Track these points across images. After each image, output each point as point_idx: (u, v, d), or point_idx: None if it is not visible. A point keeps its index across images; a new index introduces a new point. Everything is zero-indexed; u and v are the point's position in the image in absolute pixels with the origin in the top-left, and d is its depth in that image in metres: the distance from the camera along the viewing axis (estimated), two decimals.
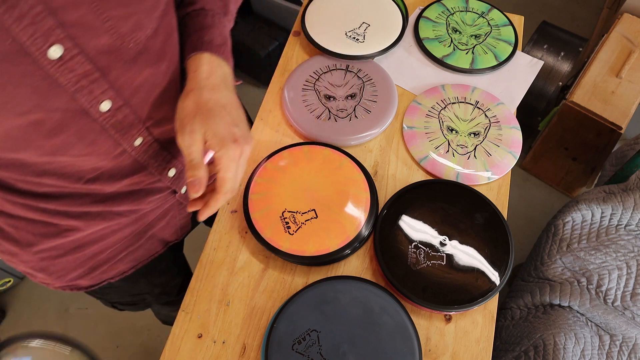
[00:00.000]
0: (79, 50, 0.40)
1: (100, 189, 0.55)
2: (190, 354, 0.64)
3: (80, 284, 0.69)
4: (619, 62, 1.44)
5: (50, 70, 0.39)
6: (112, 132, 0.48)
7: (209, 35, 0.54)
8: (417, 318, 0.65)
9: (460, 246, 0.68)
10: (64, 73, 0.40)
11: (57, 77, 0.40)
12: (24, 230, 0.56)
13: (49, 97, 0.40)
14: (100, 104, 0.44)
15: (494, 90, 0.85)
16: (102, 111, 0.45)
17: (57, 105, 0.41)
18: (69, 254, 0.62)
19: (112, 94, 0.45)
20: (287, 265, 0.69)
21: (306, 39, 0.88)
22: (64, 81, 0.40)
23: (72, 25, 0.38)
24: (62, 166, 0.49)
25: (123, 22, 0.42)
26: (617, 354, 0.99)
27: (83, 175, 0.51)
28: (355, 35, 0.87)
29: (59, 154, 0.46)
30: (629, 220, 1.11)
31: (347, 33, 0.87)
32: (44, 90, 0.40)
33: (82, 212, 0.57)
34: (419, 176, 0.77)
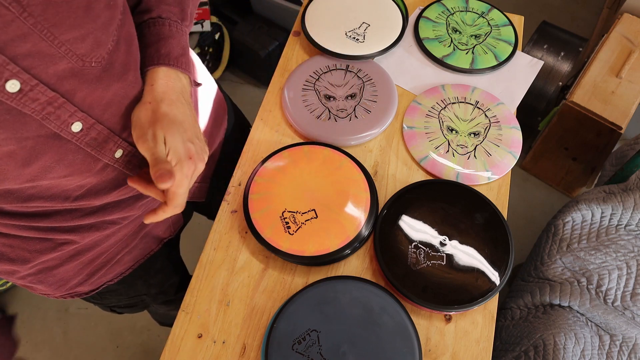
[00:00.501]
0: (37, 80, 0.39)
1: (89, 203, 0.54)
2: (190, 354, 0.64)
3: (80, 291, 0.69)
4: (619, 62, 1.44)
5: (12, 103, 0.38)
6: (88, 150, 0.47)
7: (166, 48, 0.53)
8: (417, 318, 0.65)
9: (460, 246, 0.68)
10: (26, 104, 0.39)
11: (21, 109, 0.39)
12: (19, 249, 0.55)
13: (17, 128, 0.39)
14: (71, 126, 0.43)
15: (494, 90, 0.85)
16: (75, 132, 0.44)
17: (27, 135, 0.41)
18: (65, 263, 0.62)
19: (82, 115, 0.44)
20: (287, 265, 0.69)
21: (306, 39, 0.88)
22: (29, 111, 0.39)
23: (24, 57, 0.37)
24: (47, 188, 0.48)
25: (80, 44, 0.40)
26: (617, 354, 0.99)
27: (69, 194, 0.51)
28: (355, 35, 0.87)
29: (39, 179, 0.45)
30: (629, 220, 1.11)
31: (347, 33, 0.87)
32: (10, 123, 0.39)
33: (75, 226, 0.56)
34: (419, 176, 0.77)
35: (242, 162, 0.78)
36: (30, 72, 0.38)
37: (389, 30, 0.88)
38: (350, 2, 0.91)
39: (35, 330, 1.56)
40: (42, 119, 0.41)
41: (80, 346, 1.52)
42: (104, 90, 0.45)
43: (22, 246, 0.55)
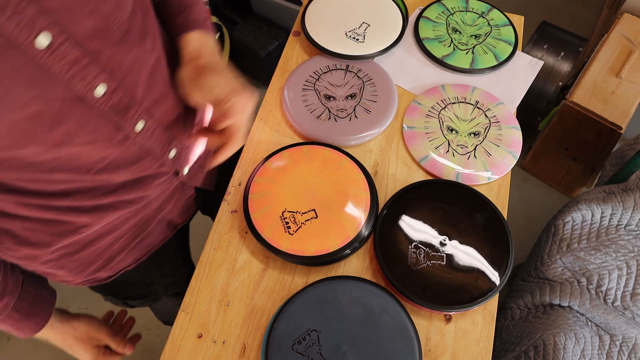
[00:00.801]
0: (67, 36, 0.40)
1: (109, 179, 0.56)
2: (190, 354, 0.64)
3: (99, 277, 0.71)
4: (619, 62, 1.44)
5: (41, 60, 0.39)
6: (111, 115, 0.48)
7: (193, 15, 0.60)
8: (417, 318, 0.65)
9: (460, 246, 0.68)
10: (55, 61, 0.40)
11: (50, 66, 0.40)
12: (39, 232, 0.57)
13: (45, 88, 0.41)
14: (95, 89, 0.45)
15: (494, 90, 0.85)
16: (98, 96, 0.45)
17: (55, 95, 0.42)
18: (85, 248, 0.63)
19: (105, 77, 0.45)
20: (287, 265, 0.69)
21: (306, 39, 0.88)
22: (57, 69, 0.40)
23: (54, 12, 0.38)
24: (70, 159, 0.49)
25: (103, 4, 0.42)
26: (617, 354, 0.99)
27: (91, 166, 0.52)
28: (355, 35, 0.87)
29: (63, 145, 0.46)
30: (629, 220, 1.11)
31: (347, 33, 0.87)
32: (39, 81, 0.40)
33: (94, 205, 0.58)
34: (419, 176, 0.77)
35: (242, 162, 0.78)
36: (60, 27, 0.39)
37: (389, 30, 0.88)
38: (350, 2, 0.91)
39: None
40: (69, 78, 0.42)
41: None
42: (124, 54, 0.47)
43: (43, 229, 0.57)
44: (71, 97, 0.43)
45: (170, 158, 0.62)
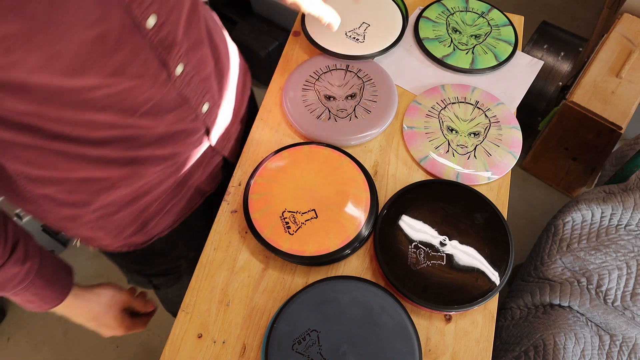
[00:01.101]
0: None
1: (148, 126, 0.58)
2: (190, 354, 0.64)
3: (135, 241, 0.73)
4: (619, 62, 1.44)
5: None
6: (158, 49, 0.51)
7: None
8: (417, 318, 0.65)
9: (460, 246, 0.68)
10: None
11: None
12: (77, 192, 0.60)
13: (109, 9, 0.43)
14: (148, 19, 0.47)
15: (494, 90, 0.85)
16: (149, 27, 0.48)
17: (116, 19, 0.44)
18: (122, 209, 0.66)
19: (156, 9, 0.48)
20: (287, 265, 0.69)
21: (306, 39, 0.88)
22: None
23: None
24: (119, 98, 0.51)
25: None
26: (617, 354, 0.99)
27: (137, 107, 0.54)
28: (355, 35, 0.87)
29: (117, 76, 0.48)
30: (629, 220, 1.11)
31: (347, 33, 0.87)
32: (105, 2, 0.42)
33: (131, 157, 0.60)
34: (419, 176, 0.77)
35: (242, 162, 0.78)
36: None
37: (389, 31, 0.88)
38: (350, 2, 0.91)
39: (35, 330, 1.56)
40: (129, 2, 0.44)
41: (80, 346, 1.52)
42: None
43: (80, 188, 0.60)
44: (129, 23, 0.46)
45: (203, 112, 0.64)
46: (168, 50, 0.53)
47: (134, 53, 0.48)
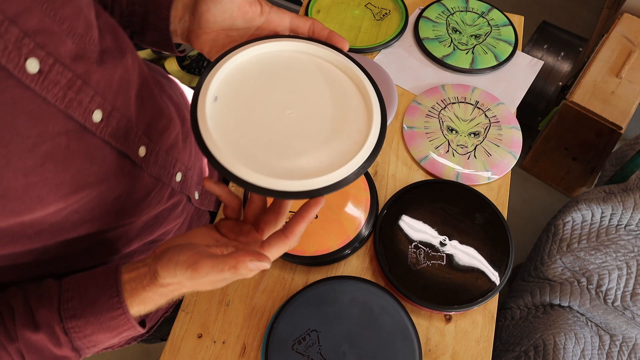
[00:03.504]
0: (54, 59, 0.37)
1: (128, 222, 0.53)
2: (190, 354, 0.64)
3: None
4: (619, 62, 1.44)
5: (36, 87, 0.36)
6: (113, 142, 0.45)
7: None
8: (417, 318, 0.65)
9: (460, 246, 0.68)
10: (49, 88, 0.37)
11: (45, 95, 0.37)
12: None
13: (47, 122, 0.38)
14: (93, 115, 0.42)
15: (494, 90, 0.85)
16: (97, 122, 0.43)
17: (58, 129, 0.39)
18: None
19: (100, 101, 0.43)
20: (287, 265, 0.69)
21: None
22: (53, 97, 0.38)
23: (35, 34, 0.36)
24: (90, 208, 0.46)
25: (77, 21, 0.40)
26: (617, 354, 0.99)
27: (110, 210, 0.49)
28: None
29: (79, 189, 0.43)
30: (629, 220, 1.11)
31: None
32: (39, 115, 0.37)
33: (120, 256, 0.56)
34: (419, 176, 0.77)
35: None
36: (45, 50, 0.37)
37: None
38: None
39: None
40: (65, 107, 0.39)
41: None
42: (111, 74, 0.44)
43: None
44: (73, 129, 0.40)
45: (178, 181, 0.59)
46: (124, 139, 0.47)
47: (88, 158, 0.43)
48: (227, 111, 0.45)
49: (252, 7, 0.48)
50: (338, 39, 0.49)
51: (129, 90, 0.47)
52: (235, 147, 0.44)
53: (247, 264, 0.40)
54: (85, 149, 0.42)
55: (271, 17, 0.49)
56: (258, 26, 0.50)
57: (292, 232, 0.45)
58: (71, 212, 0.44)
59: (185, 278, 0.41)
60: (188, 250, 0.42)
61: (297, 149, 0.45)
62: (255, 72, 0.47)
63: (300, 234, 0.46)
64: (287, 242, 0.45)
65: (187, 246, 0.43)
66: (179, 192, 0.60)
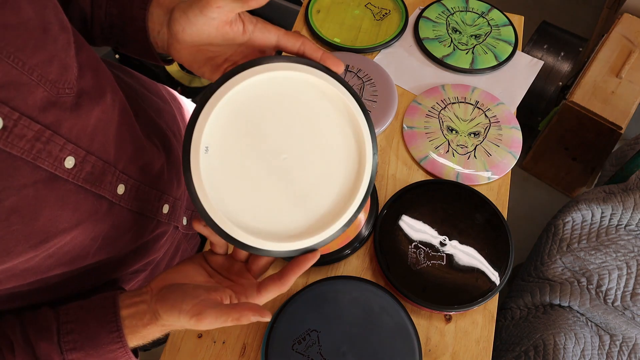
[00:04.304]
0: (20, 113, 0.35)
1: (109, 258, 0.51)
2: (190, 354, 0.64)
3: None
4: (619, 62, 1.44)
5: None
6: (87, 186, 0.44)
7: None
8: (417, 318, 0.65)
9: (460, 246, 0.68)
10: (14, 142, 0.35)
11: (10, 150, 0.35)
12: None
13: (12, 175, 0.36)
14: (64, 162, 0.40)
15: (494, 90, 0.85)
16: (69, 168, 0.41)
17: (24, 181, 0.37)
18: None
19: (72, 148, 0.41)
20: None
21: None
22: (19, 152, 0.36)
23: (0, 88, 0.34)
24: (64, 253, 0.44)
25: (48, 67, 0.38)
26: (617, 354, 0.99)
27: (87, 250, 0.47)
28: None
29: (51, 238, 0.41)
30: (629, 220, 1.11)
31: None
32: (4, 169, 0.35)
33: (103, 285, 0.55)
34: (419, 176, 0.77)
35: None
36: (10, 105, 0.35)
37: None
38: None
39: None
40: (33, 159, 0.37)
41: None
42: (86, 119, 0.42)
43: None
44: (42, 179, 0.38)
45: (165, 213, 0.58)
46: (99, 183, 0.45)
47: (59, 205, 0.40)
48: (219, 163, 0.43)
49: (233, 28, 0.44)
50: (333, 61, 0.45)
51: (107, 131, 0.46)
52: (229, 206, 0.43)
53: (250, 318, 0.41)
54: (57, 196, 0.40)
55: (255, 35, 0.46)
56: (242, 43, 0.46)
57: (288, 279, 0.46)
58: (44, 257, 0.42)
59: (189, 325, 0.42)
60: (191, 298, 0.42)
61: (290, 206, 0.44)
62: (246, 110, 0.44)
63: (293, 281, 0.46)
64: (282, 288, 0.46)
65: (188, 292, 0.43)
66: (165, 223, 0.59)
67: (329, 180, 0.45)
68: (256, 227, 0.43)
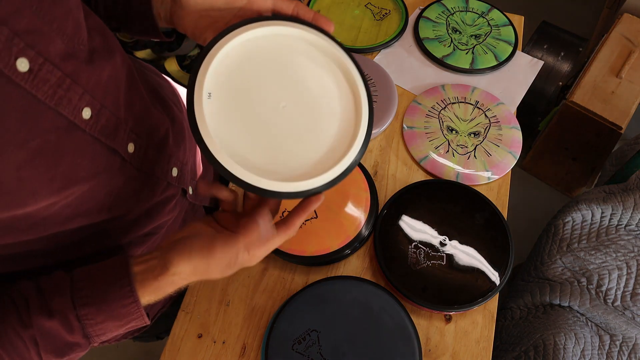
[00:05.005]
0: (43, 58, 0.39)
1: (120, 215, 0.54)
2: (190, 354, 0.64)
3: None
4: (619, 62, 1.44)
5: (26, 85, 0.38)
6: (103, 139, 0.47)
7: None
8: (417, 318, 0.65)
9: (460, 246, 0.68)
10: (39, 86, 0.39)
11: (36, 93, 0.38)
12: None
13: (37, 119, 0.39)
14: (82, 112, 0.43)
15: (494, 90, 0.85)
16: (86, 119, 0.44)
17: (48, 126, 0.40)
18: None
19: (89, 99, 0.44)
20: (287, 265, 0.69)
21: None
22: (43, 95, 0.39)
23: (25, 34, 0.37)
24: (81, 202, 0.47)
25: (66, 21, 0.41)
26: (617, 354, 0.99)
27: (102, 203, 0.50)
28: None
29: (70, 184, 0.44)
30: (629, 220, 1.11)
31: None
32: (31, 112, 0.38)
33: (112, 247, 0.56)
34: (419, 176, 0.77)
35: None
36: (35, 50, 0.38)
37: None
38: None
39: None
40: (55, 104, 0.40)
41: None
42: (99, 73, 0.46)
43: None
44: (63, 125, 0.42)
45: (175, 176, 0.61)
46: (113, 137, 0.48)
47: (78, 153, 0.44)
48: (221, 108, 0.45)
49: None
50: (324, 21, 0.50)
51: (117, 89, 0.49)
52: (234, 148, 0.44)
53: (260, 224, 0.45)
54: (76, 145, 0.43)
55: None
56: (241, 7, 0.50)
57: (293, 224, 0.48)
58: (63, 206, 0.45)
59: (201, 260, 0.44)
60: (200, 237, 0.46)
61: (293, 148, 0.46)
62: (245, 61, 0.47)
63: (299, 225, 0.49)
64: (288, 233, 0.49)
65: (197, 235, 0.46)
66: (174, 185, 0.61)
67: (329, 123, 0.47)
68: (261, 168, 0.45)
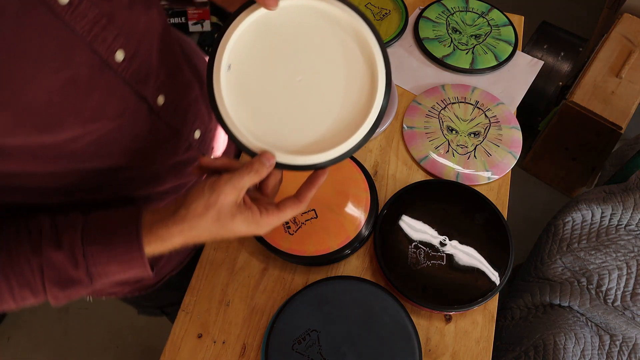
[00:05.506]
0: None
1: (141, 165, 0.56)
2: (190, 354, 0.64)
3: (146, 284, 0.70)
4: (619, 62, 1.44)
5: (65, 17, 0.39)
6: (134, 84, 0.48)
7: None
8: (417, 318, 0.65)
9: (460, 246, 0.68)
10: (77, 19, 0.40)
11: (74, 25, 0.40)
12: None
13: (73, 50, 0.41)
14: (116, 54, 0.45)
15: (494, 90, 0.85)
16: (119, 61, 0.46)
17: (81, 60, 0.42)
18: None
19: (123, 41, 0.45)
20: (287, 265, 0.69)
21: None
22: (80, 29, 0.41)
23: None
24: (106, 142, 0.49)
25: None
26: (617, 354, 0.99)
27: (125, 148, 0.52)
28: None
29: (97, 119, 0.46)
30: (629, 220, 1.11)
31: None
32: (67, 43, 0.40)
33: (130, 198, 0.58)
34: (419, 176, 0.77)
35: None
36: None
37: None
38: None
39: (35, 330, 1.55)
40: (91, 40, 0.42)
41: (80, 346, 1.52)
42: (136, 19, 0.47)
43: None
44: (96, 62, 0.44)
45: (196, 139, 0.62)
46: (143, 83, 0.50)
47: (108, 92, 0.46)
48: (240, 81, 0.47)
49: None
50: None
51: (152, 40, 0.50)
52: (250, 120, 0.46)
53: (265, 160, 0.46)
54: (106, 84, 0.45)
55: None
56: None
57: (304, 197, 0.50)
58: (89, 142, 0.47)
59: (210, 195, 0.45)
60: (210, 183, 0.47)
61: (307, 122, 0.48)
62: (264, 34, 0.48)
63: (310, 199, 0.50)
64: (300, 206, 0.50)
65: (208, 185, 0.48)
66: (195, 148, 0.62)
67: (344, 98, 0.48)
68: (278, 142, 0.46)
